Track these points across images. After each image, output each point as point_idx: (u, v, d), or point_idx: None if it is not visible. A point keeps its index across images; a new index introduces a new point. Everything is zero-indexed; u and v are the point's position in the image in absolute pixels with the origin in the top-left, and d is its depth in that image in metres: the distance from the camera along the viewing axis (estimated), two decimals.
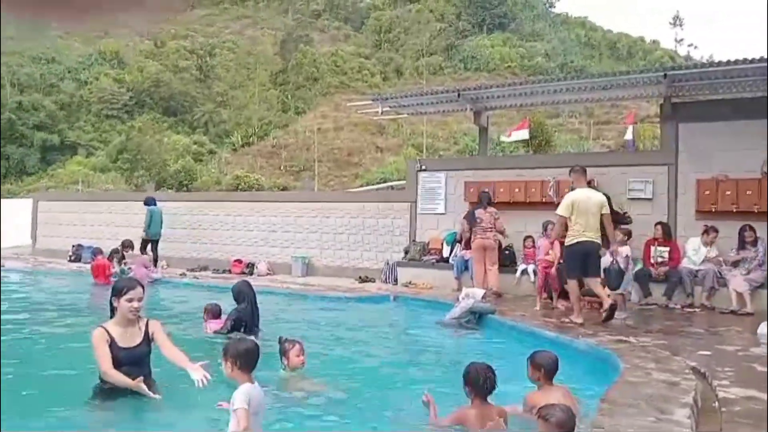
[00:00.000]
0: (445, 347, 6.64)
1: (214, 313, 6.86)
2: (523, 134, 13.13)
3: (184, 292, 10.64)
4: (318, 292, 10.48)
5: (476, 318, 7.78)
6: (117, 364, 3.88)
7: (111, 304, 4.10)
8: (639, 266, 9.42)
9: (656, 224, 9.55)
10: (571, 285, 7.57)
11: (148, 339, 4.11)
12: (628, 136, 13.45)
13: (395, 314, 9.23)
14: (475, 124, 13.39)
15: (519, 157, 16.23)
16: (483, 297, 8.09)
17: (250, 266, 13.86)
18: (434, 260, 11.63)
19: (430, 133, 28.19)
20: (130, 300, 3.99)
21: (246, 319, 6.49)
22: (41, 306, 8.88)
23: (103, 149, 33.88)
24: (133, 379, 3.78)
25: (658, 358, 5.05)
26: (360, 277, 12.41)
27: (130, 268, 11.89)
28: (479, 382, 3.53)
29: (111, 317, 4.11)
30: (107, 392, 3.91)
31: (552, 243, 8.71)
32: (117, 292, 4.04)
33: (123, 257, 12.54)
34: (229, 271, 13.76)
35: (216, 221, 15.00)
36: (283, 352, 4.56)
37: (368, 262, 13.00)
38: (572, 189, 7.71)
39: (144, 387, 3.76)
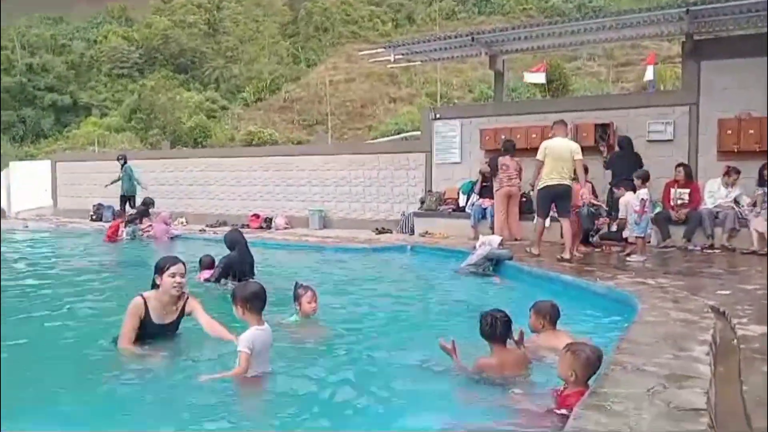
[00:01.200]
0: (462, 294, 6.68)
1: (207, 264, 7.10)
2: (540, 77, 12.79)
3: (204, 247, 10.75)
4: (335, 244, 10.56)
5: (493, 264, 7.80)
6: (145, 336, 3.93)
7: (153, 281, 4.04)
8: (658, 209, 9.32)
9: (677, 166, 9.38)
10: (539, 223, 8.33)
11: (181, 316, 4.11)
12: (649, 76, 13.04)
13: (412, 264, 9.29)
14: (490, 70, 13.08)
15: (535, 102, 15.88)
16: (500, 244, 8.08)
17: (268, 221, 13.97)
18: (450, 210, 11.60)
19: (444, 81, 27.63)
20: (173, 275, 3.94)
21: (235, 266, 6.72)
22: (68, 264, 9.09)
23: (116, 109, 33.84)
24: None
25: (677, 299, 5.04)
26: (377, 229, 12.47)
27: (141, 231, 12.06)
28: (493, 330, 3.56)
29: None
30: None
31: (578, 188, 8.08)
32: (159, 269, 3.99)
33: (147, 215, 12.73)
34: (248, 226, 13.89)
35: (232, 177, 15.06)
36: (296, 298, 4.62)
37: (384, 214, 13.02)
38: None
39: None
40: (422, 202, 12.16)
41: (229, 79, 35.88)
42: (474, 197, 11.16)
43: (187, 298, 4.14)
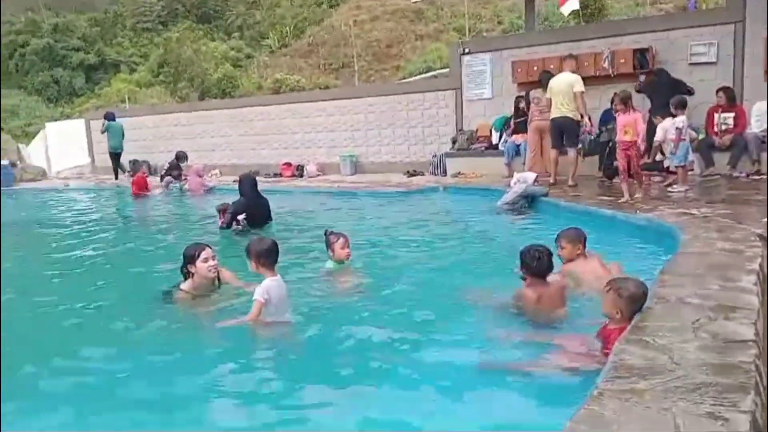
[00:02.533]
0: (498, 233, 6.62)
1: (224, 210, 7.28)
2: (574, 4, 12.15)
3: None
4: (367, 189, 10.54)
5: (529, 202, 7.69)
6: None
7: (183, 269, 4.16)
8: (701, 136, 8.93)
9: (718, 90, 8.89)
10: (552, 153, 8.88)
11: (219, 284, 4.29)
12: None
13: (445, 205, 9.22)
14: None
15: (569, 29, 15.14)
16: (535, 180, 7.93)
17: (300, 168, 14.00)
18: (483, 148, 11.39)
19: (472, 13, 26.55)
20: (206, 260, 4.08)
21: (241, 210, 6.89)
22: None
23: (143, 64, 33.90)
24: None
25: (722, 228, 4.87)
26: (408, 172, 12.36)
27: (178, 181, 12.28)
28: (537, 265, 3.55)
29: (185, 279, 4.18)
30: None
31: (635, 119, 7.22)
32: (190, 259, 4.10)
33: (179, 168, 12.91)
34: (280, 175, 13.97)
35: (261, 126, 15.04)
36: (329, 245, 4.63)
37: (415, 156, 12.87)
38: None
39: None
40: (454, 142, 11.95)
41: (252, 26, 35.34)
42: (507, 133, 10.90)
43: (219, 270, 4.30)
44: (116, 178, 14.73)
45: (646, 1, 23.93)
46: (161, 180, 12.95)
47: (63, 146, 18.50)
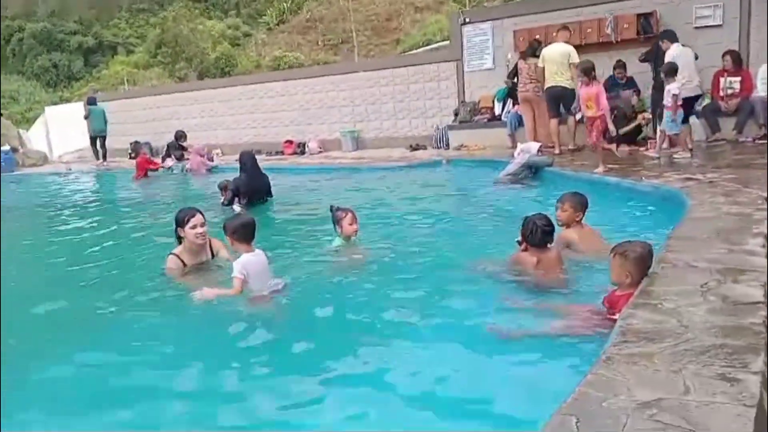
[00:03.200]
0: (502, 204, 6.57)
1: (226, 188, 7.34)
2: None
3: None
4: (370, 164, 10.48)
5: (533, 172, 7.62)
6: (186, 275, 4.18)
7: (176, 233, 4.24)
8: (707, 101, 8.81)
9: (724, 54, 8.74)
10: (552, 123, 9.01)
11: (212, 257, 4.36)
12: None
13: (449, 178, 9.17)
14: None
15: None
16: (538, 150, 7.85)
17: (302, 146, 13.92)
18: (486, 119, 11.27)
19: None
20: (194, 227, 4.12)
21: (243, 188, 6.95)
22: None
23: (141, 45, 33.58)
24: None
25: (728, 192, 4.82)
26: (411, 146, 12.26)
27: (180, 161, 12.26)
28: (536, 235, 3.62)
29: (179, 243, 4.26)
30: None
31: (597, 93, 7.09)
32: (179, 223, 4.17)
33: (181, 147, 12.87)
34: (282, 153, 13.90)
35: (262, 104, 14.92)
36: (336, 221, 4.57)
37: (417, 130, 12.76)
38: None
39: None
40: (456, 114, 11.83)
41: (249, 4, 34.86)
42: (509, 103, 10.78)
43: (211, 240, 4.34)
44: (98, 158, 15.30)
45: None
46: (162, 162, 12.90)
47: (63, 130, 18.43)
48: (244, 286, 3.61)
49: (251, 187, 7.09)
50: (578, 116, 8.73)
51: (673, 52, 7.93)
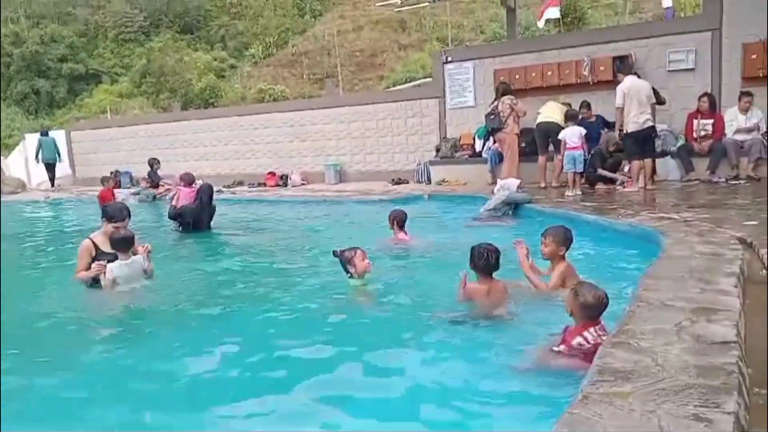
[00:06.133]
0: (480, 238, 6.58)
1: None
2: (554, 12, 12.30)
3: (223, 207, 10.79)
4: (352, 197, 10.52)
5: (512, 209, 7.72)
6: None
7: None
8: (681, 142, 9.07)
9: (701, 96, 9.05)
10: (540, 160, 9.58)
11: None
12: (667, 3, 12.46)
13: (431, 213, 9.21)
14: (502, 6, 12.62)
15: (549, 38, 15.31)
16: (518, 187, 7.97)
17: (284, 177, 13.95)
18: (467, 156, 11.45)
19: (455, 23, 26.77)
20: (117, 228, 4.79)
21: (188, 215, 7.84)
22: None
23: (126, 74, 33.64)
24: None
25: (702, 232, 4.93)
26: (393, 180, 12.38)
27: (158, 193, 12.30)
28: (486, 263, 3.77)
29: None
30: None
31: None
32: (108, 217, 4.85)
33: (153, 177, 12.93)
34: (264, 184, 13.91)
35: (245, 136, 14.99)
36: (347, 261, 4.37)
37: (400, 164, 12.90)
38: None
39: (99, 268, 4.61)
40: (438, 150, 12.00)
41: (235, 36, 35.25)
42: (490, 141, 10.96)
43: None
44: (52, 185, 16.74)
45: (624, 10, 24.31)
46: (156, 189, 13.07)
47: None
48: (112, 282, 4.59)
49: (199, 216, 7.85)
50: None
51: (622, 86, 8.19)
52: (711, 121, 8.96)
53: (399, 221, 6.14)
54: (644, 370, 2.19)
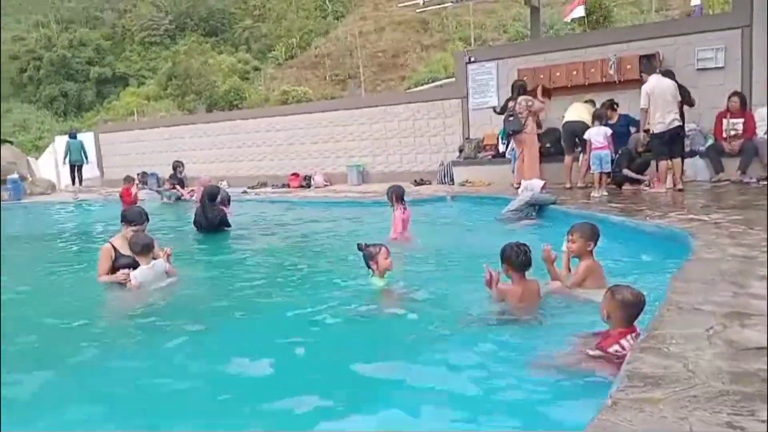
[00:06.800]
0: (504, 240, 6.54)
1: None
2: (580, 11, 12.16)
3: (246, 207, 10.91)
4: (374, 198, 10.50)
5: (536, 210, 7.64)
6: (121, 266, 4.90)
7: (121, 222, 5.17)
8: (710, 141, 8.88)
9: (731, 95, 8.83)
10: (567, 159, 9.47)
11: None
12: (695, 1, 12.24)
13: (453, 214, 9.17)
14: (525, 5, 12.52)
15: (574, 37, 15.17)
16: (542, 188, 7.89)
17: (307, 179, 14.02)
18: (490, 156, 11.36)
19: (478, 23, 26.65)
20: (135, 231, 4.99)
21: (198, 218, 7.96)
22: None
23: (152, 77, 34.21)
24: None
25: (734, 234, 4.81)
26: (415, 181, 12.35)
27: (181, 194, 12.49)
28: (519, 260, 3.69)
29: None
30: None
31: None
32: (127, 221, 5.07)
33: (178, 176, 13.11)
34: (288, 185, 14.00)
35: (269, 137, 15.11)
36: (371, 258, 4.46)
37: (422, 165, 12.87)
38: None
39: (123, 276, 4.77)
40: (461, 151, 11.94)
41: (259, 39, 35.61)
42: (513, 143, 10.86)
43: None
44: (73, 184, 17.27)
45: (651, 8, 23.93)
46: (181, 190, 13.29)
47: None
48: (138, 285, 4.74)
49: (202, 218, 7.94)
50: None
51: (647, 87, 8.04)
52: (741, 120, 8.75)
53: (398, 195, 6.51)
54: (675, 376, 2.15)
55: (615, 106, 9.56)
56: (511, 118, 9.42)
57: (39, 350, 3.77)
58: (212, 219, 7.91)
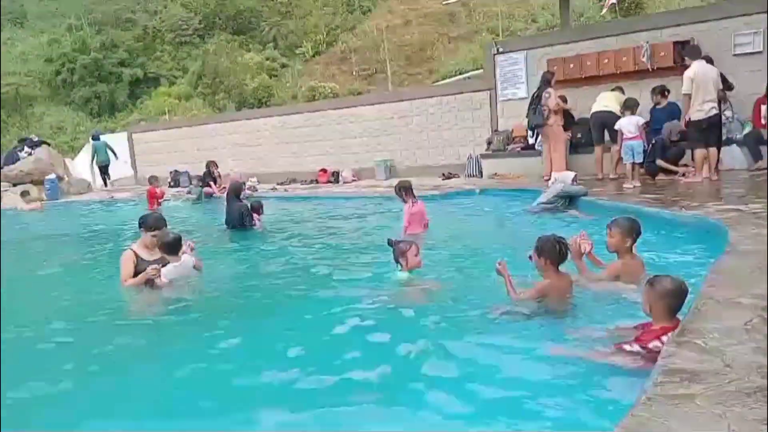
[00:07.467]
0: (534, 233, 6.46)
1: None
2: None
3: (275, 205, 11.01)
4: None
5: (567, 202, 7.54)
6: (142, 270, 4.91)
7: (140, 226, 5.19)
8: (747, 129, 8.62)
9: None
10: (597, 151, 9.35)
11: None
12: None
13: (483, 207, 9.11)
14: None
15: (605, 25, 14.84)
16: (573, 180, 7.77)
17: (335, 174, 14.09)
18: (519, 148, 11.23)
19: (506, 13, 26.27)
20: (154, 236, 5.01)
21: (228, 215, 8.08)
22: None
23: (183, 77, 34.74)
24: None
25: None
26: (444, 174, 12.28)
27: (206, 193, 12.69)
28: (557, 253, 3.61)
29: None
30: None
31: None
32: (147, 227, 5.06)
33: (211, 175, 13.26)
34: (316, 181, 14.09)
35: (297, 134, 15.21)
36: (401, 254, 4.46)
37: (451, 158, 12.79)
38: None
39: (154, 271, 4.77)
40: (489, 143, 11.83)
41: (286, 36, 35.79)
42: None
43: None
44: (105, 185, 17.52)
45: None
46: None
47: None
48: (167, 282, 4.81)
49: (229, 213, 8.12)
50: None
51: (690, 72, 7.81)
52: None
53: (405, 189, 6.57)
54: (712, 371, 2.10)
55: (666, 92, 9.20)
56: (534, 111, 9.37)
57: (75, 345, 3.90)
58: (237, 215, 8.05)
